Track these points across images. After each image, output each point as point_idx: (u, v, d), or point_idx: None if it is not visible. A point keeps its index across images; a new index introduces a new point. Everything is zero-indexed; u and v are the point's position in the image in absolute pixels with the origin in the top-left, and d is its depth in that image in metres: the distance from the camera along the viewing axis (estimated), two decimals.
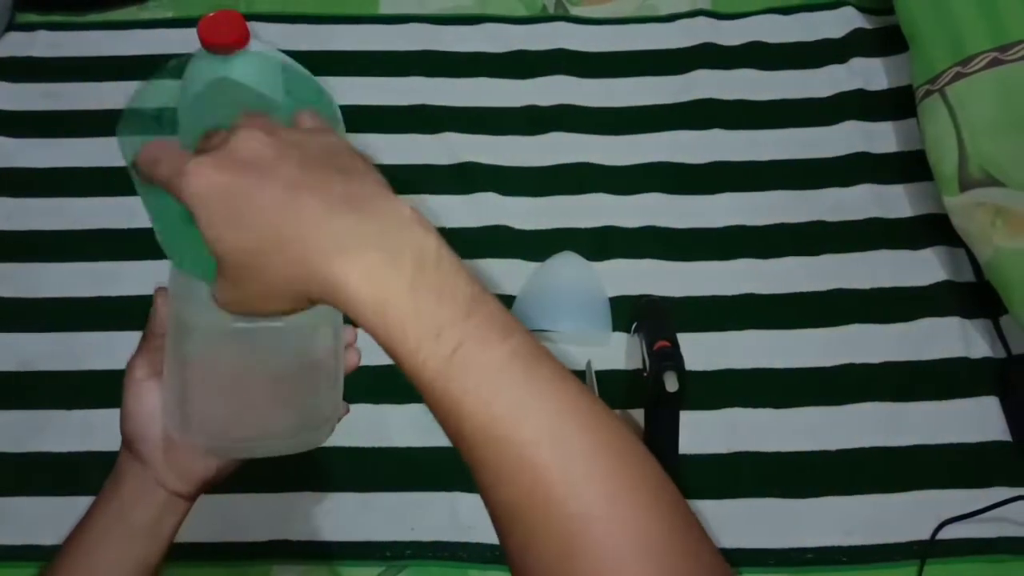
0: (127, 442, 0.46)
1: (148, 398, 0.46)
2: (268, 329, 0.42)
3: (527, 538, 0.30)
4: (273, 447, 0.45)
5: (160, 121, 0.40)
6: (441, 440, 0.31)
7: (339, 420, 0.46)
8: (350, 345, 0.48)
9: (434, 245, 0.31)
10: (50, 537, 0.68)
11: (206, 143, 0.34)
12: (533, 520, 0.30)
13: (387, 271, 0.30)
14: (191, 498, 0.47)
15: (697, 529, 0.31)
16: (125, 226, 0.84)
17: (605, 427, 0.31)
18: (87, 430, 0.73)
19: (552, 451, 0.30)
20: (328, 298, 0.31)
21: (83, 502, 0.70)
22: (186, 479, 0.46)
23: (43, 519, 0.69)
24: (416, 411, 0.74)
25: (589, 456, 0.30)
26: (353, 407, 0.75)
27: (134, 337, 0.78)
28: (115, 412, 0.74)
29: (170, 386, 0.44)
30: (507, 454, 0.30)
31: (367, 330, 0.31)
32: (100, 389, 0.75)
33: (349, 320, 0.33)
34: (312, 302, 0.32)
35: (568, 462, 0.30)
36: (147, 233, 0.96)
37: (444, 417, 0.31)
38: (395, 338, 0.30)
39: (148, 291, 0.80)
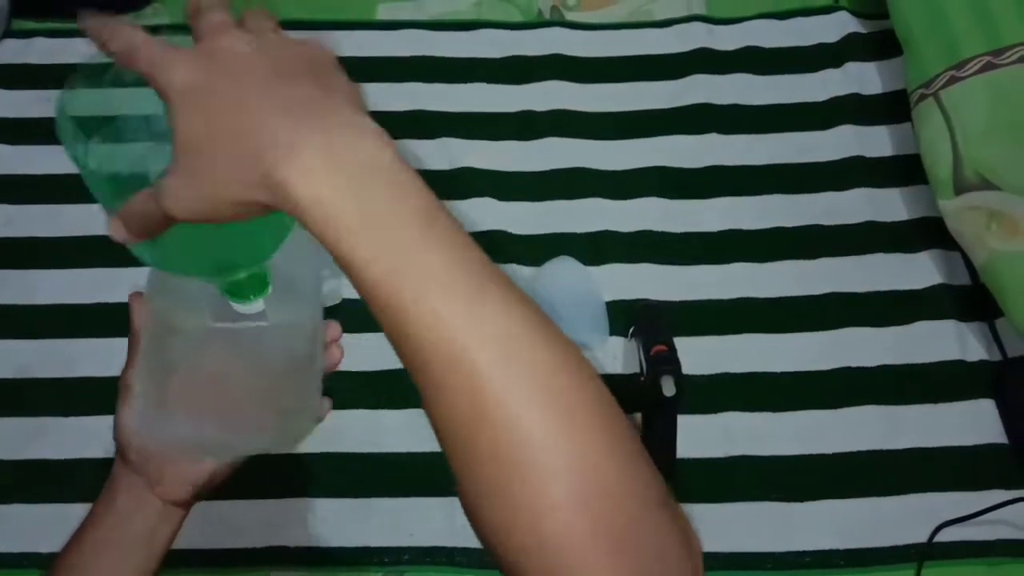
0: (120, 451, 0.46)
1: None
2: (249, 328, 0.42)
3: (467, 457, 0.30)
4: (251, 445, 0.45)
5: (125, 128, 0.39)
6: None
7: (321, 419, 0.45)
8: (334, 341, 0.47)
9: (389, 156, 0.30)
10: (47, 544, 0.68)
11: (196, 24, 0.34)
12: (473, 438, 0.29)
13: (330, 170, 0.29)
14: (186, 507, 0.47)
15: (640, 461, 0.30)
16: None
17: (555, 347, 0.30)
18: (84, 436, 0.73)
19: (496, 364, 0.29)
20: (270, 194, 0.30)
21: (80, 509, 0.69)
22: (179, 487, 0.46)
23: (40, 526, 0.69)
24: (413, 416, 0.74)
25: (535, 375, 0.29)
26: (349, 412, 0.75)
27: None
28: (110, 418, 0.74)
29: (145, 389, 0.44)
30: (450, 361, 0.29)
31: (312, 232, 0.30)
32: (97, 395, 0.75)
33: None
34: (258, 206, 0.31)
35: (512, 379, 0.29)
36: None
37: (389, 322, 0.30)
38: (339, 244, 0.29)
39: None
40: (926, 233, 0.81)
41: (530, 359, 0.29)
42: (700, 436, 0.71)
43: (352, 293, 0.48)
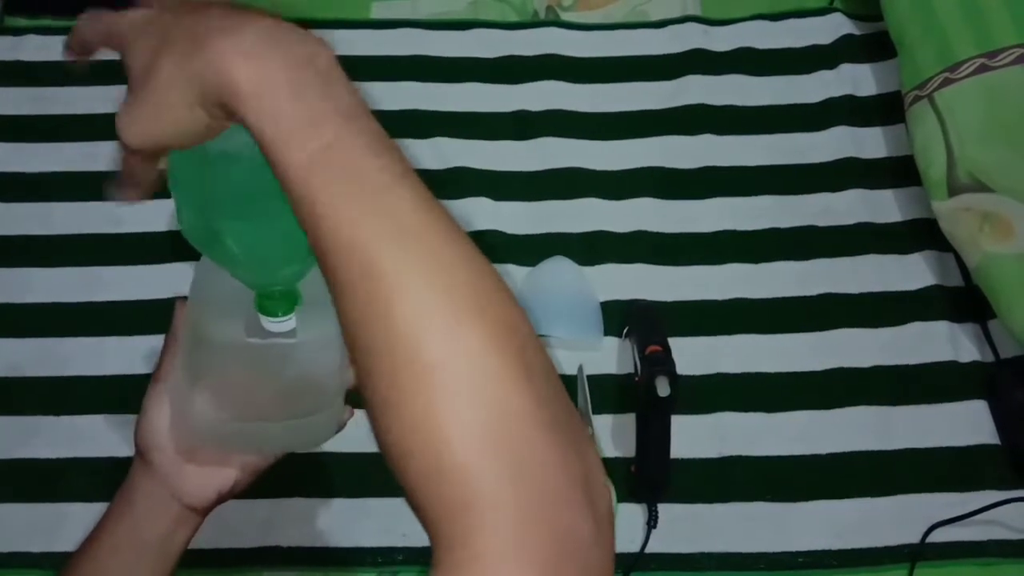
0: (143, 453, 0.46)
1: (169, 408, 0.46)
2: (279, 345, 0.44)
3: (367, 360, 0.29)
4: (277, 447, 0.47)
5: None
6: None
7: (343, 426, 0.47)
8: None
9: (326, 56, 0.31)
10: (39, 544, 0.68)
11: None
12: (372, 338, 0.28)
13: (270, 57, 0.30)
14: (204, 513, 0.47)
15: (551, 382, 0.29)
16: (113, 231, 0.84)
17: (457, 249, 0.30)
18: (75, 436, 0.73)
19: (395, 264, 0.28)
20: (215, 86, 0.30)
21: (71, 509, 0.69)
22: (202, 492, 0.46)
23: (31, 526, 0.69)
24: None
25: (434, 277, 0.29)
26: None
27: (122, 342, 0.78)
28: (102, 418, 0.74)
29: (180, 389, 0.45)
30: (352, 261, 0.29)
31: (247, 120, 0.31)
32: (88, 394, 0.74)
33: None
34: (203, 104, 0.32)
35: (411, 279, 0.28)
36: (136, 238, 0.96)
37: (305, 216, 0.30)
38: (270, 123, 0.30)
39: (137, 296, 0.81)
40: (919, 234, 0.81)
41: (430, 264, 0.29)
42: (694, 436, 0.71)
43: None
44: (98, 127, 0.89)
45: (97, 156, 0.88)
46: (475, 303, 0.29)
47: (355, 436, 0.73)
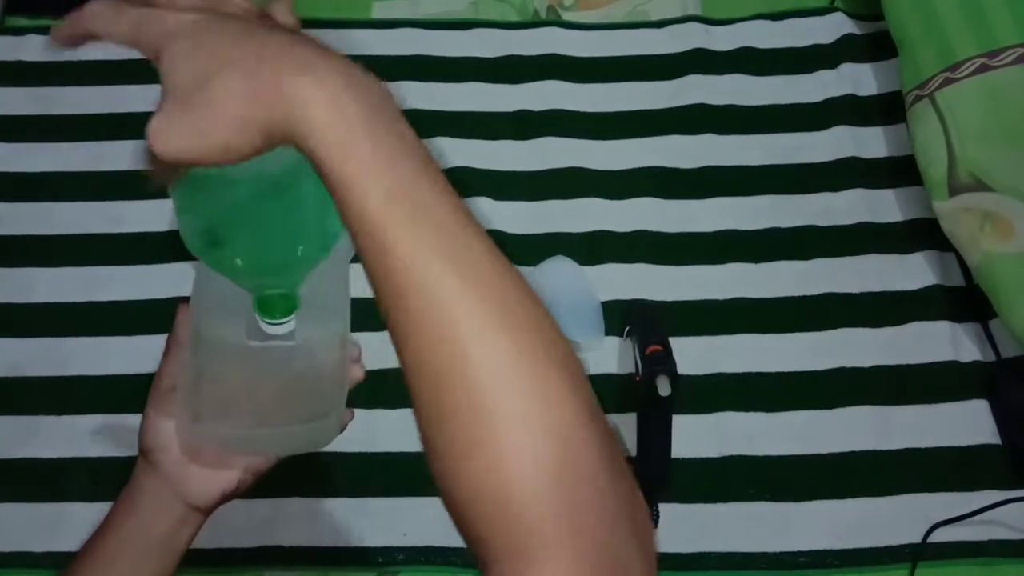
0: (146, 454, 0.46)
1: (172, 410, 0.46)
2: (278, 347, 0.45)
3: (439, 410, 0.30)
4: (280, 449, 0.48)
5: None
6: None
7: (344, 428, 0.48)
8: (355, 361, 0.49)
9: (391, 95, 0.32)
10: (39, 544, 0.68)
11: None
12: (445, 389, 0.29)
13: (347, 97, 0.30)
14: (207, 512, 0.48)
15: (604, 424, 0.30)
16: (115, 231, 0.84)
17: (525, 301, 0.31)
18: (76, 436, 0.73)
19: (470, 316, 0.29)
20: (285, 117, 0.30)
21: (71, 509, 0.69)
22: (206, 492, 0.47)
23: (32, 526, 0.69)
24: (408, 415, 0.73)
25: (508, 330, 0.30)
26: None
27: (124, 342, 0.78)
28: (103, 418, 0.74)
29: (186, 393, 0.46)
30: (424, 302, 0.29)
31: (316, 154, 0.30)
32: (89, 394, 0.75)
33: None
34: (264, 136, 0.31)
35: (485, 332, 0.29)
36: (137, 238, 0.96)
37: (376, 258, 0.30)
38: (342, 162, 0.30)
39: (139, 296, 0.81)
40: (920, 234, 0.81)
41: (511, 314, 0.30)
42: (695, 436, 0.71)
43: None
44: (99, 127, 0.89)
45: (98, 156, 0.88)
46: (547, 355, 0.30)
47: (355, 436, 0.73)
